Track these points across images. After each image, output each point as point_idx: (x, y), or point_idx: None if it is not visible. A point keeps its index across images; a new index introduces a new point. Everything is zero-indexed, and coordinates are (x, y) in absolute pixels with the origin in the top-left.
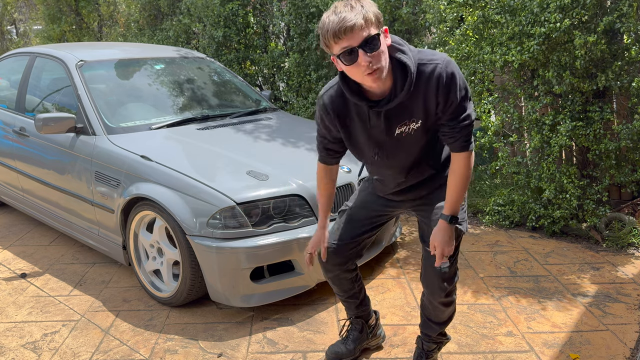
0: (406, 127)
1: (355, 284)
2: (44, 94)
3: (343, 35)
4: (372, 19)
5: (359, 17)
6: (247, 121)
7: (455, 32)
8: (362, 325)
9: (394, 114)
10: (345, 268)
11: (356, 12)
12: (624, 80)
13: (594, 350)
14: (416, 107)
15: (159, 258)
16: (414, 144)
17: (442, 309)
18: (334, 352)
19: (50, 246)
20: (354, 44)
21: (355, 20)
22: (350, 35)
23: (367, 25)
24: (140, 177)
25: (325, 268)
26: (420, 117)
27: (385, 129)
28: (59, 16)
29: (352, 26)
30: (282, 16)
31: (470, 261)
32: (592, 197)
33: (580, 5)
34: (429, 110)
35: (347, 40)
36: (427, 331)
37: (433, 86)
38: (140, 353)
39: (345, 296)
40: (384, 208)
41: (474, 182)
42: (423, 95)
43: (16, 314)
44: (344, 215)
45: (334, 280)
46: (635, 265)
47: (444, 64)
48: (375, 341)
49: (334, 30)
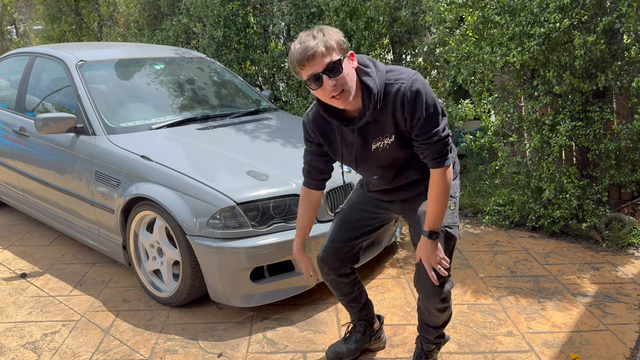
0: (380, 142)
1: (355, 288)
2: (44, 94)
3: (306, 62)
4: (334, 46)
5: (320, 45)
6: (247, 121)
7: (455, 32)
8: (365, 327)
9: (367, 130)
10: (341, 272)
11: (318, 41)
12: (624, 80)
13: (594, 350)
14: (387, 124)
15: (159, 258)
16: (392, 157)
17: (438, 314)
18: (334, 352)
19: (50, 246)
20: (317, 70)
21: (316, 48)
22: (312, 62)
23: (329, 51)
24: (140, 177)
25: (322, 271)
26: (393, 132)
27: (362, 143)
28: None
29: (313, 54)
30: (282, 16)
31: (470, 261)
32: (592, 197)
33: (579, 6)
34: (399, 126)
35: (311, 67)
36: (424, 334)
37: (399, 104)
38: (140, 353)
39: (346, 300)
40: (375, 209)
41: (474, 182)
42: (391, 113)
43: (16, 314)
44: (338, 216)
45: (332, 284)
46: (635, 265)
47: (408, 83)
48: (377, 344)
49: (298, 58)
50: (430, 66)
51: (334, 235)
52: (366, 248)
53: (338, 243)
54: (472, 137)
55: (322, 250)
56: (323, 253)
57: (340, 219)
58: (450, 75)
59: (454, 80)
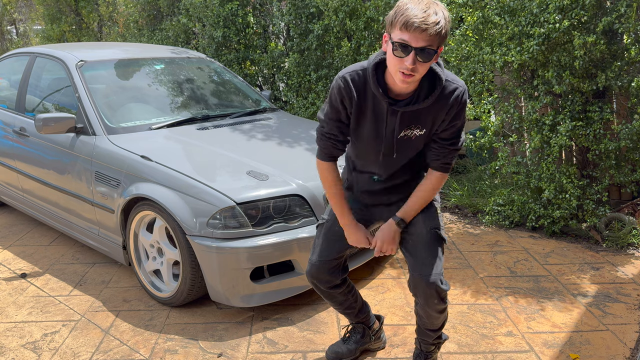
0: (411, 131)
1: (349, 296)
2: (44, 94)
3: (414, 31)
4: (443, 36)
5: (437, 27)
6: (247, 121)
7: (455, 32)
8: (363, 329)
9: (406, 117)
10: (332, 284)
11: (438, 21)
12: (624, 80)
13: (594, 350)
14: (427, 117)
15: (159, 258)
16: (411, 149)
17: (437, 316)
18: (334, 352)
19: (50, 246)
20: (416, 44)
21: (432, 28)
22: (418, 35)
23: (436, 37)
24: (140, 177)
25: (313, 285)
26: (426, 126)
27: (394, 128)
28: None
29: (426, 29)
30: (282, 16)
31: (470, 261)
32: (592, 197)
33: (579, 6)
34: (435, 123)
35: (414, 37)
36: (423, 337)
37: (449, 104)
38: (140, 353)
39: (341, 308)
40: (360, 216)
41: (474, 182)
42: (437, 108)
43: (16, 314)
44: (322, 229)
45: (325, 295)
46: (635, 265)
47: (464, 89)
48: (377, 344)
49: (411, 22)
50: None
51: (321, 250)
52: (366, 248)
53: (327, 257)
54: (472, 137)
55: (310, 266)
56: (312, 269)
57: (325, 232)
58: None
59: None
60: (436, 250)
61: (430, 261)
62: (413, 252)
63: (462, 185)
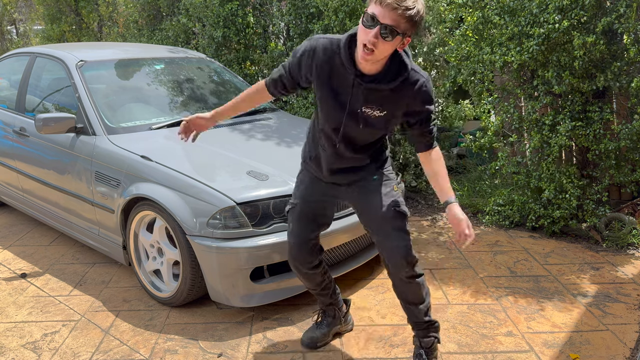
0: (371, 110)
1: (325, 276)
2: (44, 94)
3: (385, 7)
4: (412, 22)
5: (408, 12)
6: (247, 121)
7: (455, 32)
8: (334, 311)
9: (369, 94)
10: (312, 265)
11: (411, 7)
12: (624, 80)
13: (593, 350)
14: (389, 101)
15: (159, 258)
16: (370, 128)
17: (412, 285)
18: (309, 338)
19: (50, 246)
20: (383, 20)
21: (402, 9)
22: (388, 12)
23: (404, 21)
24: (140, 177)
25: (295, 268)
26: (387, 109)
27: (355, 101)
28: (59, 16)
29: (396, 8)
30: (282, 16)
31: (470, 261)
32: (592, 197)
33: (579, 6)
34: (398, 109)
35: (383, 13)
36: (413, 319)
37: (412, 93)
38: (140, 353)
39: (317, 289)
40: (324, 197)
41: (474, 182)
42: (400, 95)
43: (16, 314)
44: (293, 214)
45: (306, 277)
46: (635, 265)
47: (426, 79)
48: (346, 327)
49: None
50: (430, 66)
51: (297, 232)
52: (366, 248)
53: (304, 237)
54: (472, 137)
55: (290, 248)
56: (293, 250)
57: (297, 215)
58: (450, 75)
59: (454, 81)
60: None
61: (397, 234)
62: (371, 227)
63: (462, 185)
